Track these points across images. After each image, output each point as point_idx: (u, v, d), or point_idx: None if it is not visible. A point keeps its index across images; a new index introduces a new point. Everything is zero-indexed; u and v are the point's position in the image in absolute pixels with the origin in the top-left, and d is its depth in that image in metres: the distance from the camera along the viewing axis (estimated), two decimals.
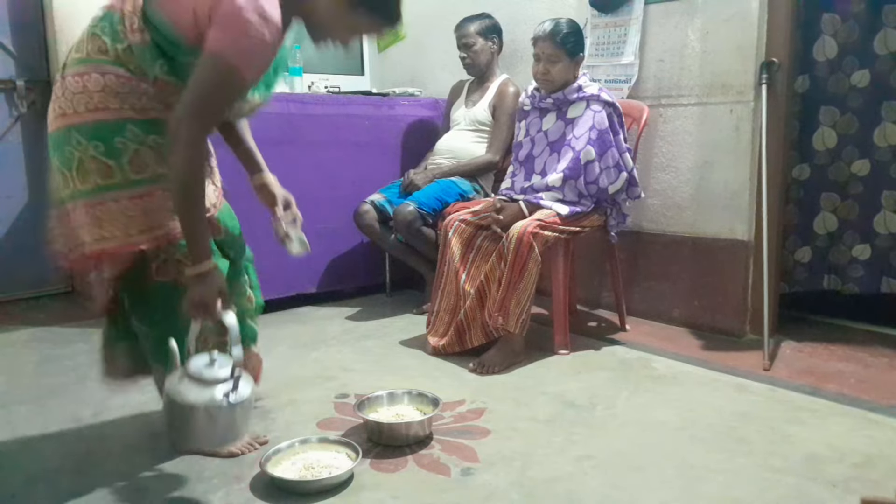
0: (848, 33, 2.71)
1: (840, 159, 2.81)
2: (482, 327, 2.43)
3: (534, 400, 2.09)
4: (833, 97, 2.78)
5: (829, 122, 2.80)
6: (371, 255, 3.33)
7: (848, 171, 2.81)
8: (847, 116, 2.77)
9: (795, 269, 2.94)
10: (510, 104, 3.01)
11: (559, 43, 2.45)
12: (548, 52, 2.46)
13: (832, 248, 2.89)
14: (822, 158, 2.84)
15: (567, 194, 2.47)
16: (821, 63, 2.76)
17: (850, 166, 2.80)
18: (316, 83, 3.37)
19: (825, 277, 2.92)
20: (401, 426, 1.80)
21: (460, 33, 3.10)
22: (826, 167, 2.84)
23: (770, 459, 1.69)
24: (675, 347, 2.56)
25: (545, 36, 2.47)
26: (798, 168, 2.88)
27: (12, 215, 3.31)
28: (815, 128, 2.83)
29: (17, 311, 3.18)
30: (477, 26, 3.07)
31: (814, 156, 2.85)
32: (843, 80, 2.75)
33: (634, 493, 1.55)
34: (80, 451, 1.78)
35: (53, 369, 2.40)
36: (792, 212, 2.90)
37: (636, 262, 2.93)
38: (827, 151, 2.83)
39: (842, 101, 2.77)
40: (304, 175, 3.09)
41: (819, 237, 2.90)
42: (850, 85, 2.74)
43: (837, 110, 2.78)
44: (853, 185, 2.82)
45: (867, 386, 2.16)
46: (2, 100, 3.24)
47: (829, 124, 2.80)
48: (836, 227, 2.87)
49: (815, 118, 2.82)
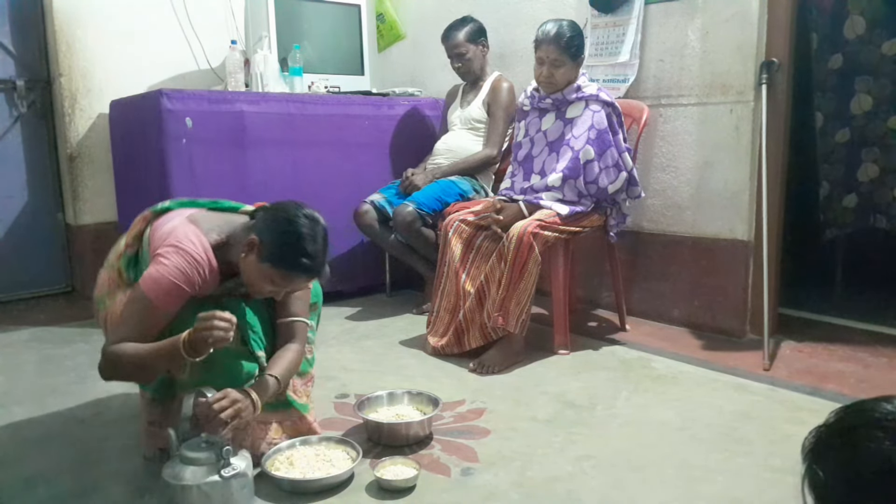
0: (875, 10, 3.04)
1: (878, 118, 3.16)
2: (480, 328, 2.43)
3: (534, 400, 2.09)
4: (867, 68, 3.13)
5: (864, 89, 3.15)
6: (371, 255, 3.33)
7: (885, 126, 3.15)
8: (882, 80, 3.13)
9: (843, 214, 3.28)
10: (504, 99, 3.01)
11: (563, 47, 2.44)
12: (552, 56, 2.45)
13: (876, 193, 3.23)
14: (860, 121, 3.19)
15: (567, 194, 2.47)
16: (852, 41, 3.09)
17: (886, 123, 3.15)
18: (316, 83, 3.37)
19: (871, 216, 3.27)
20: (401, 426, 1.80)
21: (450, 44, 3.07)
22: (864, 127, 3.19)
23: (770, 459, 1.69)
24: (674, 347, 2.56)
25: (549, 40, 2.45)
26: (841, 133, 3.22)
27: (12, 215, 3.31)
28: (853, 95, 3.18)
29: (17, 311, 3.18)
30: (465, 34, 3.04)
31: (852, 119, 3.21)
32: (874, 51, 3.09)
33: (634, 493, 1.55)
34: (80, 451, 1.78)
35: (53, 369, 2.40)
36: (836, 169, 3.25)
37: (636, 262, 2.93)
38: (863, 115, 3.19)
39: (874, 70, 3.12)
40: (304, 175, 3.09)
41: (863, 184, 3.24)
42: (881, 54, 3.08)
43: (871, 78, 3.14)
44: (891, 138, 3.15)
45: (867, 386, 2.16)
46: (2, 100, 3.24)
47: (864, 91, 3.16)
48: (879, 174, 3.21)
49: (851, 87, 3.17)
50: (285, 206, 1.59)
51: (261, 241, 1.53)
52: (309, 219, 1.56)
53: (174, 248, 1.53)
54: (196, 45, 3.58)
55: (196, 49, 3.58)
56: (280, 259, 1.53)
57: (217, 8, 3.63)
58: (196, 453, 1.45)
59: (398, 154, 3.40)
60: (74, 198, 3.34)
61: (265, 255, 1.53)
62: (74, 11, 3.24)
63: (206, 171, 2.81)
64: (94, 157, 3.35)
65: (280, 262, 1.53)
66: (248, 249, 1.55)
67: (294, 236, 1.53)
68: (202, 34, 3.57)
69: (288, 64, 3.27)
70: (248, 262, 1.56)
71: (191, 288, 1.54)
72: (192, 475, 1.43)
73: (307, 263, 1.53)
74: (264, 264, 1.53)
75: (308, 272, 1.56)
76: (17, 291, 3.33)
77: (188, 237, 1.56)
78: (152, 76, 3.43)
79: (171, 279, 1.51)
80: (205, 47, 3.59)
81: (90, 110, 3.31)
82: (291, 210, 1.57)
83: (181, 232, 1.57)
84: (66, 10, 3.22)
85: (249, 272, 1.57)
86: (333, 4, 3.59)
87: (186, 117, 2.75)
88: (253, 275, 1.56)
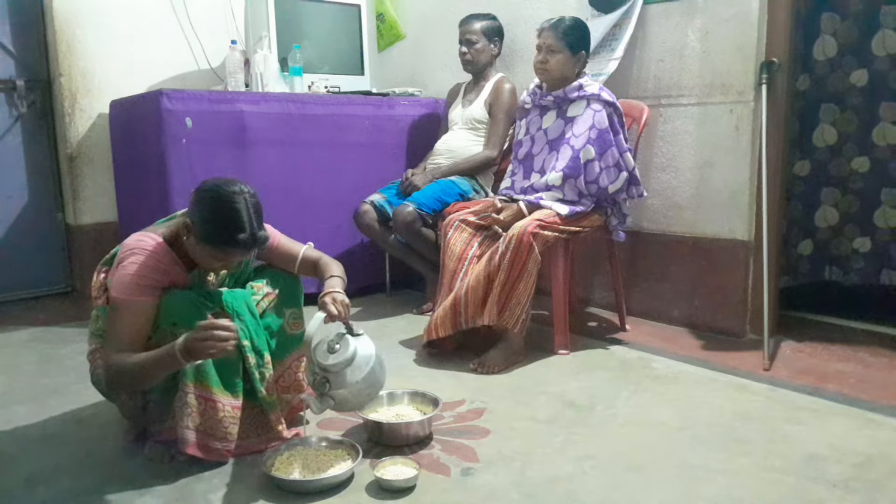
0: (847, 33, 2.72)
1: (840, 156, 2.86)
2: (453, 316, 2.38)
3: (534, 400, 2.09)
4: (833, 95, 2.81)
5: (829, 119, 2.83)
6: (371, 255, 3.33)
7: (848, 167, 2.85)
8: (847, 114, 2.81)
9: (799, 262, 2.99)
10: (506, 100, 3.01)
11: (561, 34, 2.47)
12: (549, 42, 2.48)
13: (833, 241, 2.93)
14: (822, 154, 2.90)
15: (567, 194, 2.47)
16: (821, 62, 2.78)
17: (850, 163, 2.85)
18: (316, 83, 3.37)
19: (826, 269, 2.98)
20: (401, 426, 1.80)
21: (465, 28, 3.10)
22: (826, 163, 2.90)
23: (770, 459, 1.69)
24: (674, 347, 2.56)
25: (549, 26, 2.50)
26: (800, 164, 2.92)
27: (12, 215, 3.31)
28: (816, 125, 2.88)
29: (17, 311, 3.18)
30: (482, 25, 3.07)
31: (814, 152, 2.91)
32: (842, 78, 2.78)
33: (634, 493, 1.55)
34: (80, 451, 1.78)
35: (53, 369, 2.40)
36: (794, 207, 2.95)
37: (636, 262, 2.93)
38: (826, 148, 2.88)
39: (841, 100, 2.81)
40: (304, 175, 3.09)
41: (820, 230, 2.95)
42: (850, 84, 2.76)
43: (837, 108, 2.82)
44: (853, 181, 2.85)
45: (867, 386, 2.16)
46: (2, 100, 3.24)
47: (829, 122, 2.83)
48: (837, 220, 2.91)
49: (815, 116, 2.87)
50: (208, 185, 1.61)
51: (192, 222, 1.59)
52: (232, 191, 1.57)
53: (127, 253, 1.63)
54: (196, 45, 3.58)
55: (196, 49, 3.58)
56: (211, 237, 1.58)
57: (217, 8, 3.63)
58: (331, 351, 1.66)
59: (398, 154, 3.40)
60: (74, 198, 3.34)
61: (200, 236, 1.59)
62: (74, 11, 3.24)
63: (206, 171, 2.80)
64: (94, 157, 3.35)
65: (212, 240, 1.58)
66: (186, 232, 1.62)
67: (219, 213, 1.56)
68: (202, 34, 3.57)
69: (288, 64, 3.28)
70: (189, 243, 1.64)
71: (155, 275, 1.60)
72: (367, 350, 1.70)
73: (237, 237, 1.56)
74: (201, 244, 1.59)
75: (241, 245, 1.58)
76: (17, 291, 3.33)
77: (135, 238, 1.66)
78: (152, 76, 3.43)
79: (129, 274, 1.58)
80: (205, 47, 3.59)
81: (90, 110, 3.31)
82: (213, 189, 1.59)
83: (128, 242, 1.66)
84: (66, 10, 3.22)
85: (194, 253, 1.65)
86: (333, 4, 3.59)
87: (186, 117, 2.75)
88: (198, 255, 1.65)
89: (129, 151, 3.11)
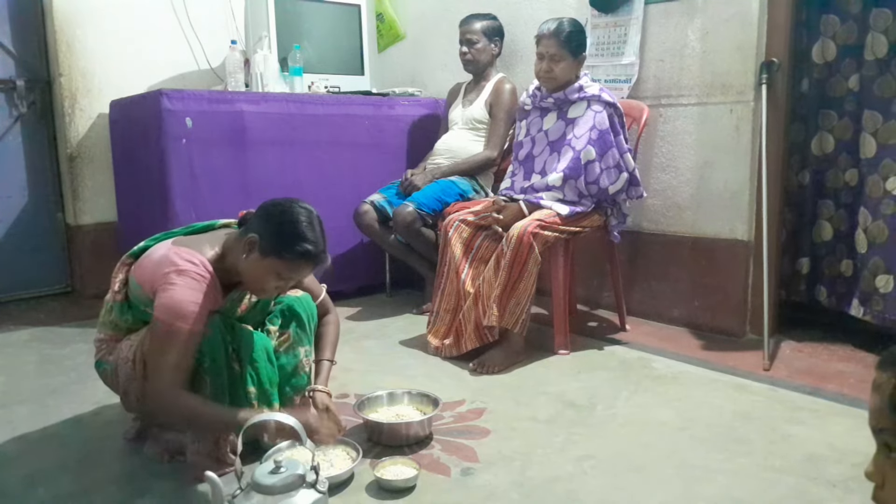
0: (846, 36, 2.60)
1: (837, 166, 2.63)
2: (476, 329, 2.41)
3: (534, 400, 2.09)
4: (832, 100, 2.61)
5: (827, 126, 2.63)
6: (371, 255, 3.33)
7: (842, 179, 2.62)
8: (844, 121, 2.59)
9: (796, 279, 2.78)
10: (506, 101, 3.02)
11: (563, 41, 2.46)
12: (551, 50, 2.47)
13: (825, 259, 2.71)
14: (819, 164, 2.67)
15: (567, 194, 2.47)
16: (820, 66, 2.61)
17: (843, 175, 2.62)
18: (316, 83, 3.37)
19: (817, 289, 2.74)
20: (401, 426, 1.80)
21: (465, 28, 3.10)
22: (823, 173, 2.67)
23: (770, 459, 1.69)
24: (674, 347, 2.56)
25: (549, 34, 2.48)
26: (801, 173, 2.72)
27: (12, 215, 3.30)
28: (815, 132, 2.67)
29: (17, 311, 3.18)
30: (483, 25, 3.07)
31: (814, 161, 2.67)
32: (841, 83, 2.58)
33: (634, 493, 1.55)
34: (80, 451, 1.78)
35: (53, 369, 2.40)
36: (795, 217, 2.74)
37: (636, 262, 2.93)
38: (823, 157, 2.66)
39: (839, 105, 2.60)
40: (304, 175, 3.09)
41: (816, 246, 2.72)
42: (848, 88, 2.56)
43: (835, 114, 2.61)
44: (845, 195, 2.63)
45: (867, 386, 2.12)
46: (2, 100, 3.24)
47: (826, 129, 2.64)
48: (831, 237, 2.67)
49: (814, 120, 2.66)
50: (277, 201, 1.63)
51: (260, 237, 1.55)
52: (303, 208, 1.60)
53: (176, 272, 1.54)
54: (196, 45, 3.58)
55: (196, 49, 3.58)
56: (282, 248, 1.55)
57: (217, 8, 3.63)
58: (275, 477, 1.29)
59: (398, 154, 3.40)
60: (74, 198, 3.34)
61: (267, 249, 1.55)
62: (74, 11, 3.24)
63: (206, 171, 2.81)
64: (93, 157, 3.35)
65: (282, 252, 1.55)
66: (248, 249, 1.57)
67: (292, 225, 1.56)
68: (202, 34, 3.57)
69: (288, 64, 3.27)
70: (250, 261, 1.57)
71: (212, 305, 1.57)
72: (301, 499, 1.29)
73: (309, 248, 1.56)
74: (267, 259, 1.56)
75: (311, 257, 1.58)
76: (17, 291, 3.33)
77: (183, 258, 1.56)
78: (152, 76, 3.43)
79: (186, 301, 1.52)
80: (205, 47, 3.59)
81: (90, 110, 3.31)
82: (285, 203, 1.61)
83: (175, 256, 1.57)
84: (66, 10, 3.22)
85: (252, 271, 1.58)
86: (333, 4, 3.59)
87: (186, 117, 2.75)
88: (256, 273, 1.58)
89: (129, 151, 3.10)
